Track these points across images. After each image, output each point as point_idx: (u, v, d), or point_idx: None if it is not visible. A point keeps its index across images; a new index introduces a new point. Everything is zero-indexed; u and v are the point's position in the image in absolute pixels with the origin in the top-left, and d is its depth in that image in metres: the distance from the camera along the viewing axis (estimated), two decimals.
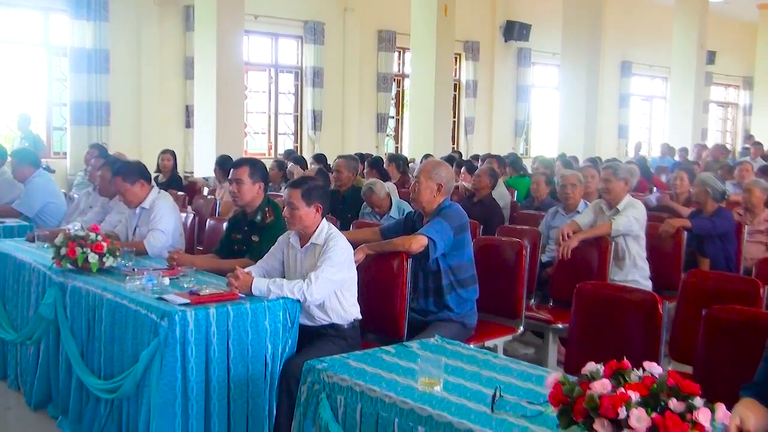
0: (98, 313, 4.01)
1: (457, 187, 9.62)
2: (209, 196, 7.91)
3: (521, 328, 4.81)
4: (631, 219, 5.41)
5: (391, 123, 15.80)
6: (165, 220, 5.10)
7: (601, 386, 1.97)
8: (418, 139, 13.46)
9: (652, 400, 1.98)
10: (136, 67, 12.27)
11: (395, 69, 15.60)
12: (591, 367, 2.06)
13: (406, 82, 16.10)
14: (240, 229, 4.80)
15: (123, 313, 3.80)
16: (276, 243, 4.23)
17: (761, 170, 10.39)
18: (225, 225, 5.19)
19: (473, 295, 4.51)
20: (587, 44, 15.71)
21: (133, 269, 4.29)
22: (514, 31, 17.13)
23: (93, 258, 4.32)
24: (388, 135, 15.56)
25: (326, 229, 4.03)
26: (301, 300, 3.80)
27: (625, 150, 19.23)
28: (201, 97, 11.12)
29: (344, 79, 14.71)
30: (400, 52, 15.78)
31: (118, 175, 5.15)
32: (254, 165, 4.75)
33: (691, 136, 17.79)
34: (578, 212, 6.12)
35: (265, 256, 4.21)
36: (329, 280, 3.86)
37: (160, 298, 3.69)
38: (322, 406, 2.65)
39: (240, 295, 3.76)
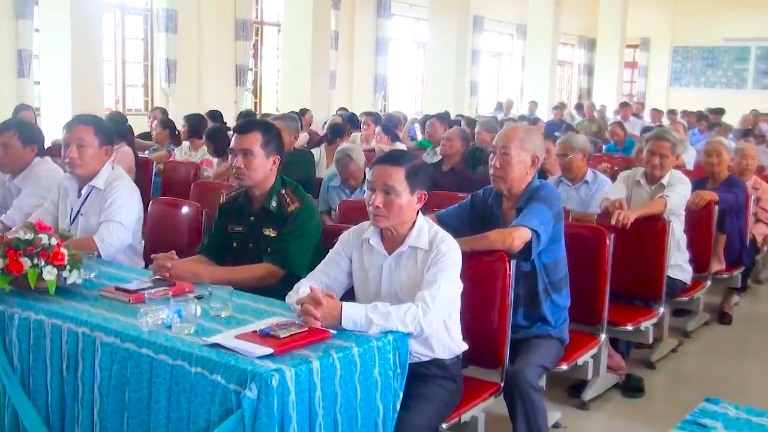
0: (84, 365, 2.58)
1: (372, 150, 8.51)
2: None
3: (603, 337, 3.86)
4: (682, 196, 4.61)
5: (250, 76, 14.21)
6: (127, 209, 3.66)
7: None
8: (292, 93, 12.07)
9: None
10: None
11: (254, 15, 13.99)
12: None
13: (265, 30, 14.58)
14: (242, 219, 3.46)
15: (144, 368, 2.41)
16: (338, 244, 2.97)
17: (644, 130, 10.14)
18: (205, 213, 3.82)
19: (567, 301, 3.49)
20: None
21: (127, 290, 2.87)
22: None
23: (50, 274, 2.84)
24: (247, 89, 13.98)
25: (426, 226, 2.84)
26: (416, 333, 2.61)
27: (476, 108, 18.80)
28: (49, 44, 9.15)
29: (200, 24, 12.95)
30: None
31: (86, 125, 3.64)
32: (268, 131, 3.42)
33: (548, 94, 17.68)
34: (587, 182, 5.23)
35: (321, 265, 2.95)
36: (447, 301, 2.70)
37: (217, 345, 2.35)
38: None
39: (331, 331, 2.49)
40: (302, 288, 2.75)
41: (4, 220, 3.87)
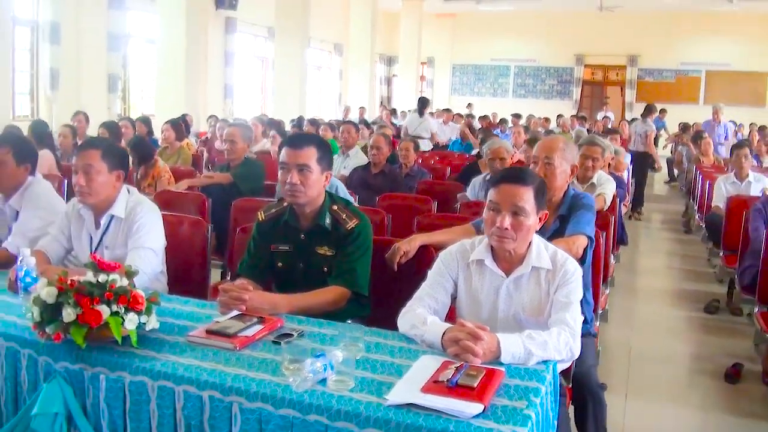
0: None
1: (268, 152, 7.55)
2: None
3: (597, 325, 3.42)
4: (611, 194, 4.30)
5: (119, 84, 12.34)
6: (155, 234, 2.68)
7: None
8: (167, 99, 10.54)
9: None
10: None
11: (125, 29, 12.07)
12: None
13: (133, 42, 12.81)
14: (289, 238, 2.62)
15: None
16: (439, 265, 2.26)
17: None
18: (210, 228, 2.91)
19: (591, 298, 3.01)
20: None
21: (224, 334, 1.98)
22: None
23: (132, 323, 1.90)
24: (118, 96, 12.18)
25: (542, 244, 2.21)
26: (566, 359, 2.00)
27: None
28: None
29: (79, 36, 10.99)
30: None
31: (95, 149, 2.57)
32: (323, 145, 2.60)
33: (367, 102, 17.25)
34: None
35: (426, 288, 2.22)
36: (581, 321, 2.11)
37: (412, 406, 1.60)
38: None
39: (502, 371, 1.82)
40: (429, 318, 2.03)
41: (8, 247, 2.72)
